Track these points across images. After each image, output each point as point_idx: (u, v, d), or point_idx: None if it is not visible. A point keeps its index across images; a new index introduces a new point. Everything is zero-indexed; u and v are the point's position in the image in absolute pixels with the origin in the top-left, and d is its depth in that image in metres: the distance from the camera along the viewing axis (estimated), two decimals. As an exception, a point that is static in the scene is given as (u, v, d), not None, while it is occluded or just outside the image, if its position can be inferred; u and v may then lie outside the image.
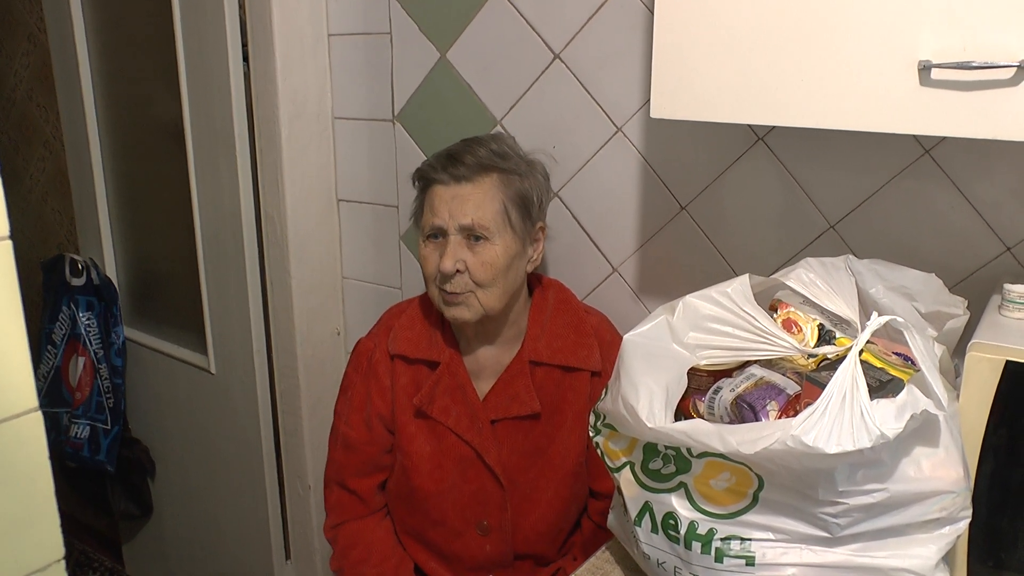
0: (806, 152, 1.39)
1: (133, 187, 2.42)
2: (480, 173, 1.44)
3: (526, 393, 1.50)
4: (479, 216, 1.42)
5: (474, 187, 1.43)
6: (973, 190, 1.27)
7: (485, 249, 1.43)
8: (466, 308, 1.45)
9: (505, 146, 1.51)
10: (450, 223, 1.43)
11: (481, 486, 1.53)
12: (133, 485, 2.54)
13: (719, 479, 0.99)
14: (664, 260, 1.58)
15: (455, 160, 1.45)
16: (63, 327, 2.43)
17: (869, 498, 0.91)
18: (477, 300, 1.45)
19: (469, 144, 1.49)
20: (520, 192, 1.47)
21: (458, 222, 1.42)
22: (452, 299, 1.45)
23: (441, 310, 1.49)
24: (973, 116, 0.94)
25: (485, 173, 1.45)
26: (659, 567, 1.06)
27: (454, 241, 1.43)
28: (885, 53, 0.97)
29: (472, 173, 1.44)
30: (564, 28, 1.58)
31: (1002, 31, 0.90)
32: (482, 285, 1.44)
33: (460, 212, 1.42)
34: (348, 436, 1.60)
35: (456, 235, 1.43)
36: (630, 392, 1.01)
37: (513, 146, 1.54)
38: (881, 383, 0.95)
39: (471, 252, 1.43)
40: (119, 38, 2.29)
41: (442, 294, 1.46)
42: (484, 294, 1.45)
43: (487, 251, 1.43)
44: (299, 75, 1.89)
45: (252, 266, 2.05)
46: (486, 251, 1.43)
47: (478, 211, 1.42)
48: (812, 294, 1.09)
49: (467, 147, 1.48)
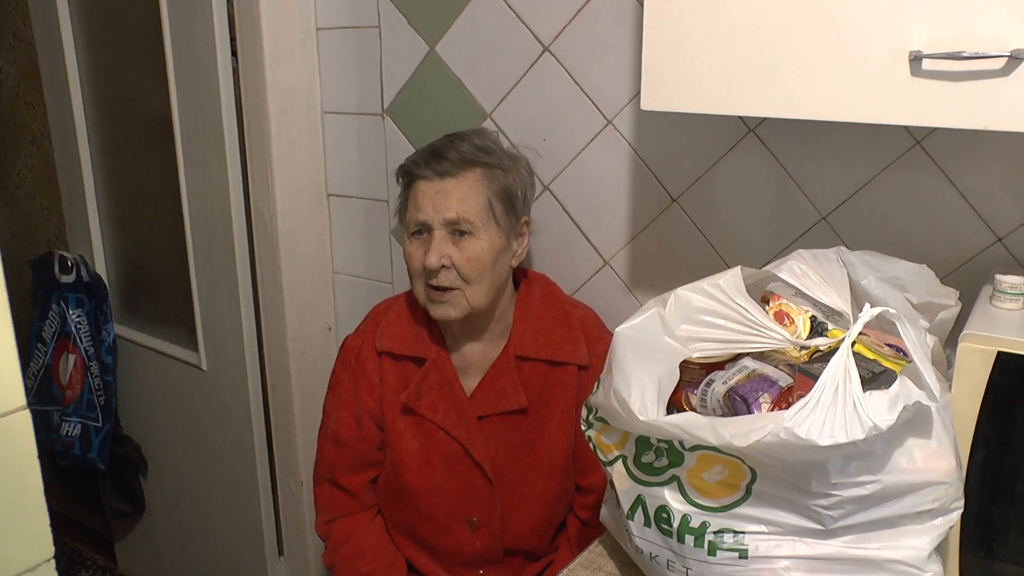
0: (798, 143, 1.39)
1: (122, 183, 2.41)
2: (463, 168, 1.44)
3: (513, 388, 1.50)
4: (463, 210, 1.42)
5: (458, 182, 1.44)
6: (964, 181, 1.27)
7: (470, 244, 1.43)
8: (452, 307, 1.45)
9: (488, 141, 1.51)
10: (434, 218, 1.42)
11: (470, 482, 1.53)
12: (125, 483, 2.53)
13: (712, 472, 0.99)
14: (655, 253, 1.58)
15: (438, 155, 1.45)
16: (53, 325, 2.42)
17: (862, 490, 0.91)
18: (464, 298, 1.45)
19: (452, 139, 1.49)
20: (504, 186, 1.47)
21: (442, 216, 1.42)
22: (438, 296, 1.45)
23: (427, 308, 1.48)
24: (964, 107, 0.94)
25: (468, 168, 1.45)
26: (652, 561, 1.05)
27: (439, 236, 1.43)
28: (876, 44, 0.97)
29: (455, 168, 1.44)
30: (553, 20, 1.57)
31: (993, 21, 0.90)
32: (468, 281, 1.44)
33: (444, 206, 1.42)
34: (338, 433, 1.60)
35: (441, 230, 1.43)
36: (622, 385, 1.01)
37: (496, 141, 1.54)
38: (874, 374, 0.95)
39: (456, 247, 1.43)
40: (106, 33, 2.28)
41: (428, 291, 1.46)
42: (471, 291, 1.44)
43: (472, 246, 1.43)
44: (288, 69, 1.88)
45: (242, 262, 2.05)
46: (471, 246, 1.43)
47: (462, 205, 1.42)
48: (804, 286, 1.08)
49: (450, 142, 1.48)
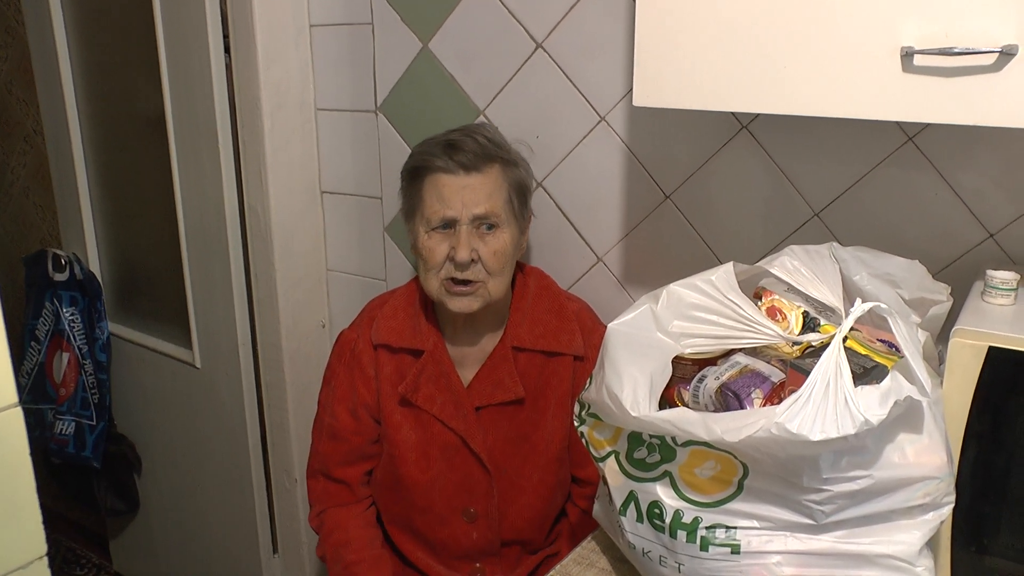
0: (790, 140, 1.39)
1: (115, 181, 2.40)
2: (486, 162, 1.45)
3: (510, 379, 1.50)
4: (491, 205, 1.44)
5: (484, 177, 1.44)
6: (956, 177, 1.27)
7: (496, 238, 1.45)
8: (474, 299, 1.46)
9: (496, 135, 1.52)
10: (463, 213, 1.43)
11: (468, 473, 1.53)
12: (119, 481, 2.53)
13: (704, 467, 0.99)
14: (649, 249, 1.58)
15: (456, 148, 1.45)
16: (47, 323, 2.41)
17: (853, 485, 0.91)
18: (487, 290, 1.46)
19: (466, 132, 1.49)
20: (519, 180, 1.50)
21: (472, 212, 1.43)
22: (460, 290, 1.46)
23: (443, 301, 1.48)
24: (955, 102, 0.94)
25: (490, 162, 1.46)
26: (644, 556, 1.06)
27: (466, 231, 1.43)
28: (868, 39, 0.97)
29: (479, 162, 1.45)
30: (546, 17, 1.57)
31: (984, 17, 0.90)
32: (492, 274, 1.45)
33: (473, 201, 1.43)
34: (333, 427, 1.60)
35: (468, 225, 1.43)
36: (614, 381, 1.01)
37: (502, 136, 1.55)
38: (865, 370, 0.95)
39: (482, 241, 1.44)
40: (99, 30, 2.27)
41: (447, 284, 1.46)
42: (492, 283, 1.46)
43: (497, 240, 1.45)
44: (281, 66, 1.88)
45: (236, 259, 2.04)
46: (497, 240, 1.45)
47: (490, 200, 1.44)
48: (796, 281, 1.08)
49: (465, 135, 1.48)
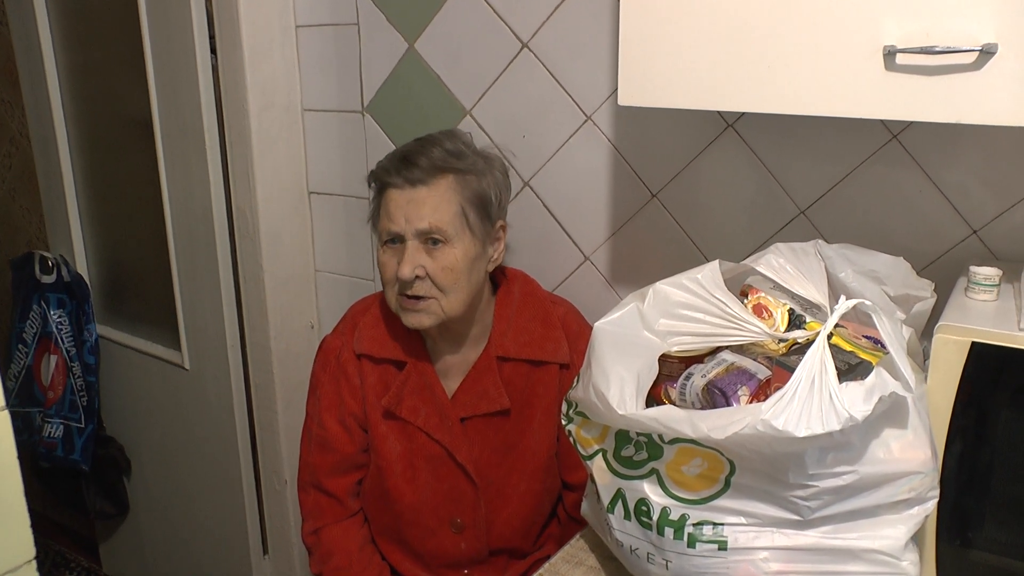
0: (776, 138, 1.40)
1: (102, 182, 2.39)
2: (435, 175, 1.40)
3: (494, 389, 1.48)
4: (436, 220, 1.39)
5: (429, 190, 1.39)
6: (940, 174, 1.28)
7: (444, 253, 1.40)
8: (426, 315, 1.42)
9: (460, 144, 1.46)
10: (407, 228, 1.39)
11: (454, 484, 1.52)
12: (108, 484, 2.52)
13: (691, 465, 0.99)
14: (636, 248, 1.59)
15: (408, 162, 1.40)
16: (34, 326, 2.40)
17: (839, 480, 0.91)
18: (439, 306, 1.42)
19: (423, 144, 1.44)
20: (477, 192, 1.43)
21: (415, 227, 1.39)
22: (411, 305, 1.42)
23: (400, 316, 1.45)
24: (938, 101, 0.94)
25: (440, 175, 1.40)
26: (632, 554, 1.06)
27: (412, 247, 1.39)
28: (851, 39, 0.97)
29: (427, 175, 1.39)
30: (532, 17, 1.57)
31: (964, 16, 0.91)
32: (444, 290, 1.41)
33: (416, 216, 1.38)
34: (323, 437, 1.57)
35: (414, 240, 1.39)
36: (601, 380, 1.01)
37: (469, 143, 1.49)
38: (850, 366, 0.95)
39: (430, 257, 1.40)
40: (84, 31, 2.26)
41: (401, 300, 1.43)
42: (446, 300, 1.42)
43: (446, 255, 1.40)
44: (267, 67, 1.88)
45: (224, 260, 2.04)
46: (445, 255, 1.40)
47: (435, 215, 1.39)
48: (782, 279, 1.09)
49: (420, 147, 1.43)
